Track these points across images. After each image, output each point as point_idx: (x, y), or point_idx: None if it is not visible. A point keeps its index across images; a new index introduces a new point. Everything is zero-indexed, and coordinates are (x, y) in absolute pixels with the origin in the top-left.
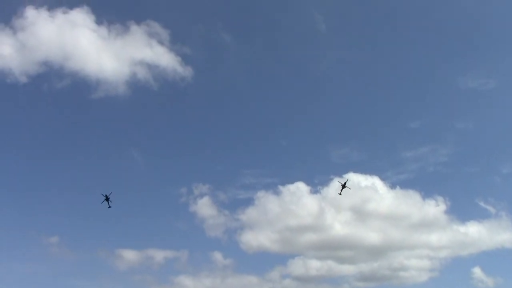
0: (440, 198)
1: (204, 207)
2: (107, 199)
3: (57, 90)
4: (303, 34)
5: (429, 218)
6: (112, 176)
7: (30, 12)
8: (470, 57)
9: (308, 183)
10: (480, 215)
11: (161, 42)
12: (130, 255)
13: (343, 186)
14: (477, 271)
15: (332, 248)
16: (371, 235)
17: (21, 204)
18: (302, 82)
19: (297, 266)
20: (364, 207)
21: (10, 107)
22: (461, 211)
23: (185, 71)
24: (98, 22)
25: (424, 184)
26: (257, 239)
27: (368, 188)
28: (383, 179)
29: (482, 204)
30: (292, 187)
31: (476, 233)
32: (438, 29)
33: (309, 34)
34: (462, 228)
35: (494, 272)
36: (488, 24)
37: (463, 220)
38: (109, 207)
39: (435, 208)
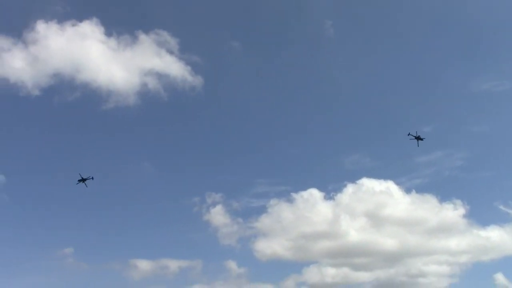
0: (458, 202)
1: (217, 216)
2: (83, 180)
3: (68, 102)
4: (312, 40)
5: (447, 222)
6: (124, 187)
7: (41, 26)
8: (482, 59)
9: (321, 189)
10: (500, 219)
11: (170, 51)
12: (144, 265)
13: (417, 138)
14: (499, 277)
15: (347, 255)
16: (387, 241)
17: (35, 216)
18: (312, 88)
19: (312, 274)
20: (379, 213)
21: (23, 120)
22: (481, 215)
23: (195, 80)
24: (107, 33)
25: (440, 188)
26: (271, 247)
27: (382, 193)
28: (397, 184)
29: (502, 207)
30: (305, 194)
31: (498, 238)
32: (448, 32)
33: (318, 39)
34: (482, 233)
35: None
36: (499, 25)
37: (483, 224)
38: (86, 186)
39: (453, 212)
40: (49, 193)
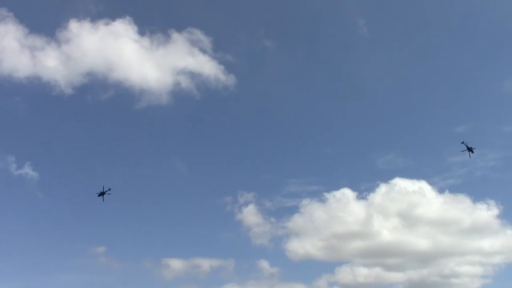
0: (491, 202)
1: (250, 215)
2: (102, 193)
3: (101, 101)
4: (345, 39)
5: (480, 222)
6: (157, 186)
7: (73, 25)
8: None
9: (354, 189)
10: None
11: (203, 50)
12: (176, 264)
13: (469, 149)
14: None
15: (380, 255)
16: (420, 241)
17: (68, 215)
18: (346, 88)
19: (344, 274)
20: (412, 213)
21: (56, 119)
22: None
23: (228, 80)
24: (140, 32)
25: (473, 188)
26: (303, 247)
27: (415, 193)
28: (430, 184)
29: None
30: (337, 193)
31: None
32: (482, 32)
33: (352, 39)
34: None
35: None
36: None
37: None
38: (103, 200)
39: (486, 213)
40: (82, 191)
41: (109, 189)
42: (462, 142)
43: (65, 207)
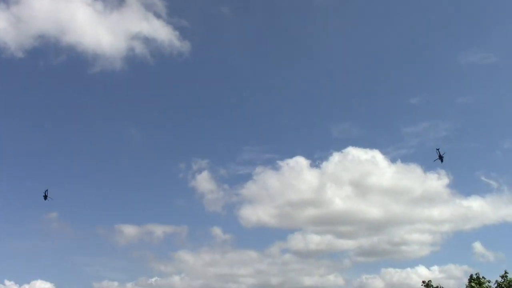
0: (442, 172)
1: (203, 182)
2: (45, 196)
3: (54, 65)
4: (301, 6)
5: (430, 192)
6: (110, 152)
7: None
8: (470, 31)
9: (307, 157)
10: (482, 190)
11: (157, 15)
12: (129, 230)
13: (440, 158)
14: (477, 246)
15: (332, 223)
16: (372, 210)
17: (18, 181)
18: (302, 56)
19: (296, 241)
20: (364, 181)
21: (7, 83)
22: (464, 185)
23: (182, 46)
24: None
25: (425, 158)
26: (256, 214)
27: (368, 162)
28: (383, 153)
29: (484, 178)
30: (291, 161)
31: (478, 208)
32: (437, 3)
33: (308, 5)
34: (464, 202)
35: (496, 247)
36: None
37: (466, 195)
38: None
39: (437, 182)
40: (32, 156)
41: (46, 190)
42: (437, 149)
43: (15, 171)
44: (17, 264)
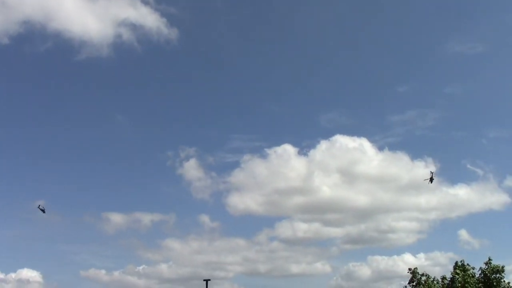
0: (429, 160)
1: (191, 170)
2: (42, 210)
3: (40, 52)
4: None
5: (418, 180)
6: (97, 140)
7: None
8: (458, 20)
9: (295, 145)
10: (468, 178)
11: (145, 1)
12: (116, 218)
13: (431, 179)
14: (463, 233)
15: (319, 211)
16: (359, 197)
17: (6, 168)
18: (292, 44)
19: (284, 229)
20: (352, 169)
21: None
22: (450, 173)
23: (170, 33)
24: None
25: (412, 146)
26: (244, 202)
27: (356, 150)
28: (371, 141)
29: (469, 166)
30: (279, 149)
31: (464, 195)
32: None
33: None
34: (451, 190)
35: (481, 234)
36: None
37: (452, 183)
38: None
39: (424, 170)
40: (19, 145)
41: (39, 205)
42: (431, 172)
43: (1, 161)
44: (2, 252)
